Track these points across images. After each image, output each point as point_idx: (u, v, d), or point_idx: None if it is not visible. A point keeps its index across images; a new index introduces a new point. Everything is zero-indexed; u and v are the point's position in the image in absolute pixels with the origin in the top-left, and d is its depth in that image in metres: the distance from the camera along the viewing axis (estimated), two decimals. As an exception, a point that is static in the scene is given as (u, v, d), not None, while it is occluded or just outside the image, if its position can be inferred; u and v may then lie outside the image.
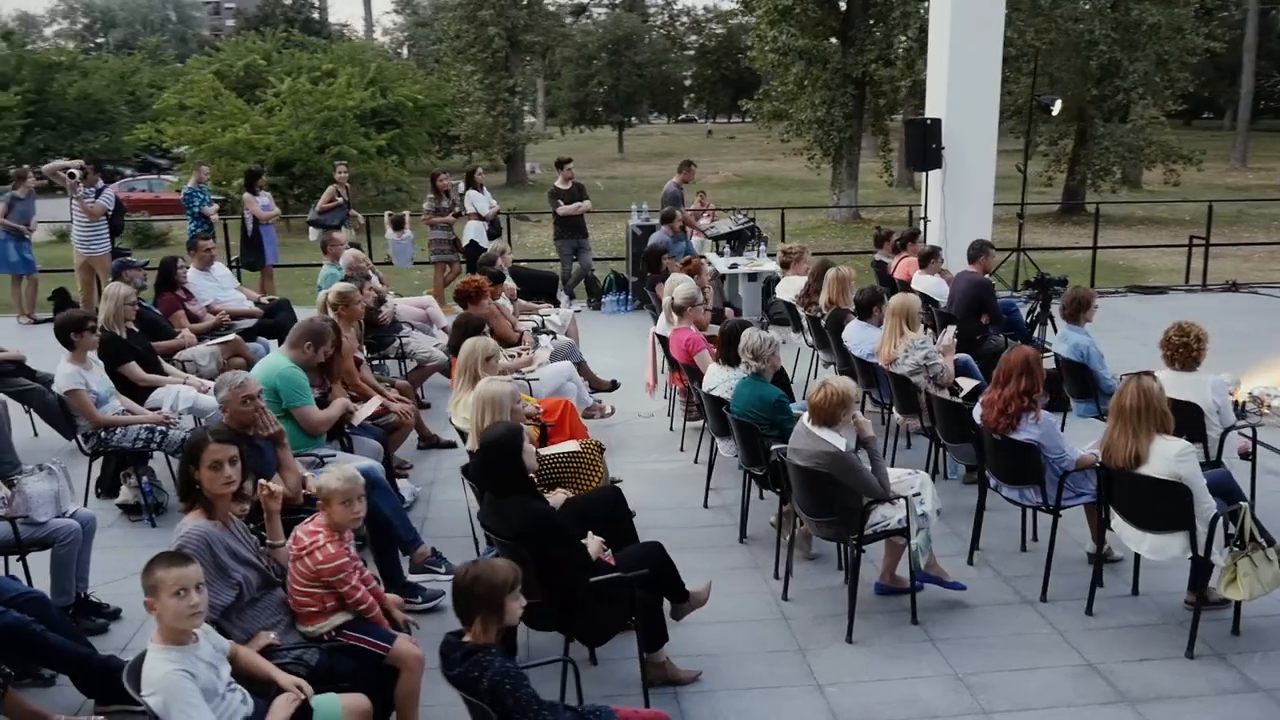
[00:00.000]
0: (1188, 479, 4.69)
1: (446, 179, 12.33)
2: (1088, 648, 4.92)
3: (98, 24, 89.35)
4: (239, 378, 4.87)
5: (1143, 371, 4.95)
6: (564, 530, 4.08)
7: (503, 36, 36.75)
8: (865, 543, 5.10)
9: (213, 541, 3.68)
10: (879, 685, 4.65)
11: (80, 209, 10.89)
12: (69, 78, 42.87)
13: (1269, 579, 4.74)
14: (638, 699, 4.37)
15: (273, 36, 35.63)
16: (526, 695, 3.07)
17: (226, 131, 25.57)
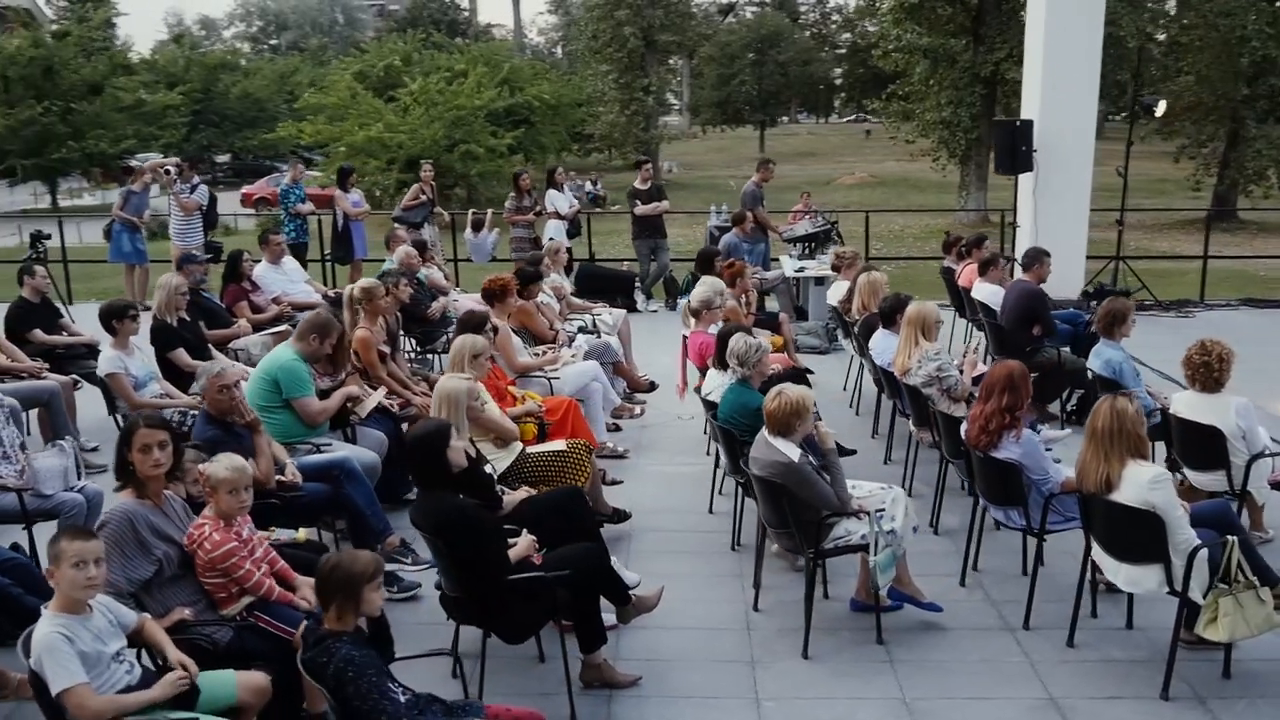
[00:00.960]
0: (1161, 508, 4.39)
1: (527, 179, 12.56)
2: (1056, 680, 4.67)
3: (271, 26, 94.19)
4: (216, 368, 5.13)
5: (1120, 391, 4.67)
6: (480, 527, 4.14)
7: (638, 36, 37.07)
8: (824, 557, 4.98)
9: (135, 519, 3.90)
10: (817, 703, 4.54)
11: (176, 204, 11.57)
12: (233, 78, 45.53)
13: (1258, 621, 4.39)
14: (568, 697, 4.40)
15: (413, 38, 36.90)
16: (368, 684, 3.14)
17: (360, 130, 26.62)
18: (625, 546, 6.14)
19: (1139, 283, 12.16)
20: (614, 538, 6.22)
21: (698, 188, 36.79)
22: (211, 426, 5.05)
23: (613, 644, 4.99)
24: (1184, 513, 4.57)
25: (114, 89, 34.43)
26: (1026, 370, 5.15)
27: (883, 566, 4.81)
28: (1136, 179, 15.97)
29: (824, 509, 4.80)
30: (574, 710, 4.39)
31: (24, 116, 31.32)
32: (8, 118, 31.13)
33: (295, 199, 12.38)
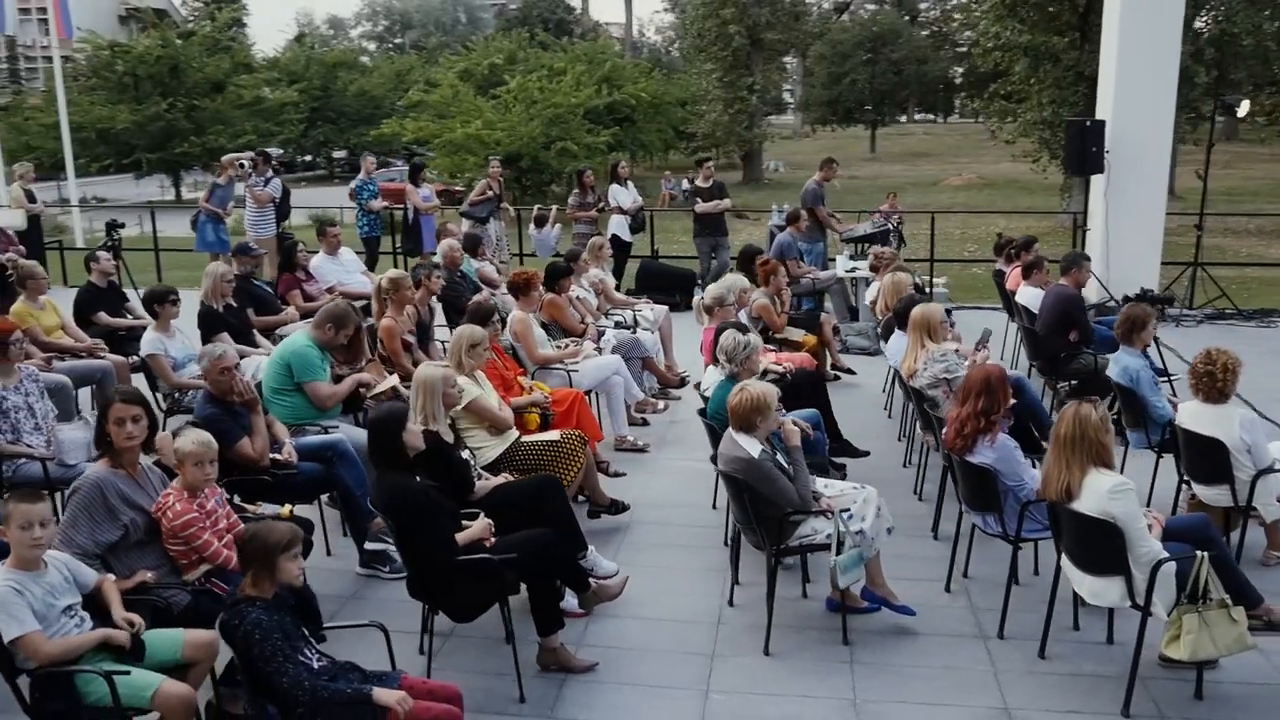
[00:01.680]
0: (1120, 518, 4.27)
1: (590, 175, 12.74)
2: (1016, 691, 4.58)
3: (396, 25, 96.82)
4: (218, 350, 5.41)
5: (1086, 397, 4.55)
6: (427, 509, 4.28)
7: (743, 34, 36.98)
8: (787, 554, 4.99)
9: (105, 486, 4.17)
10: (765, 699, 4.56)
11: (250, 196, 12.10)
12: (350, 76, 47.06)
13: (1228, 641, 4.24)
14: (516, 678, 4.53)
15: (518, 37, 37.56)
16: (272, 648, 3.32)
17: (460, 127, 27.27)
18: (621, 537, 6.24)
19: (1218, 290, 11.66)
20: (612, 529, 6.35)
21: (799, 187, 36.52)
22: (211, 405, 5.33)
23: (580, 630, 5.12)
24: (1147, 524, 4.44)
25: (235, 86, 35.99)
26: (1004, 374, 5.05)
27: (845, 566, 4.79)
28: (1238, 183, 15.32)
29: (786, 506, 4.81)
30: (522, 691, 4.52)
31: (150, 113, 33.04)
32: (135, 114, 32.87)
33: (368, 195, 12.81)
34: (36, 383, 5.87)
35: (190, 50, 35.08)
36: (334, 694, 3.34)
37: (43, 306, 7.83)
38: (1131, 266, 11.23)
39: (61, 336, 7.81)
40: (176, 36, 36.11)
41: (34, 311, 7.73)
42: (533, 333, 7.40)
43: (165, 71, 34.23)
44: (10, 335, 5.69)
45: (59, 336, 7.78)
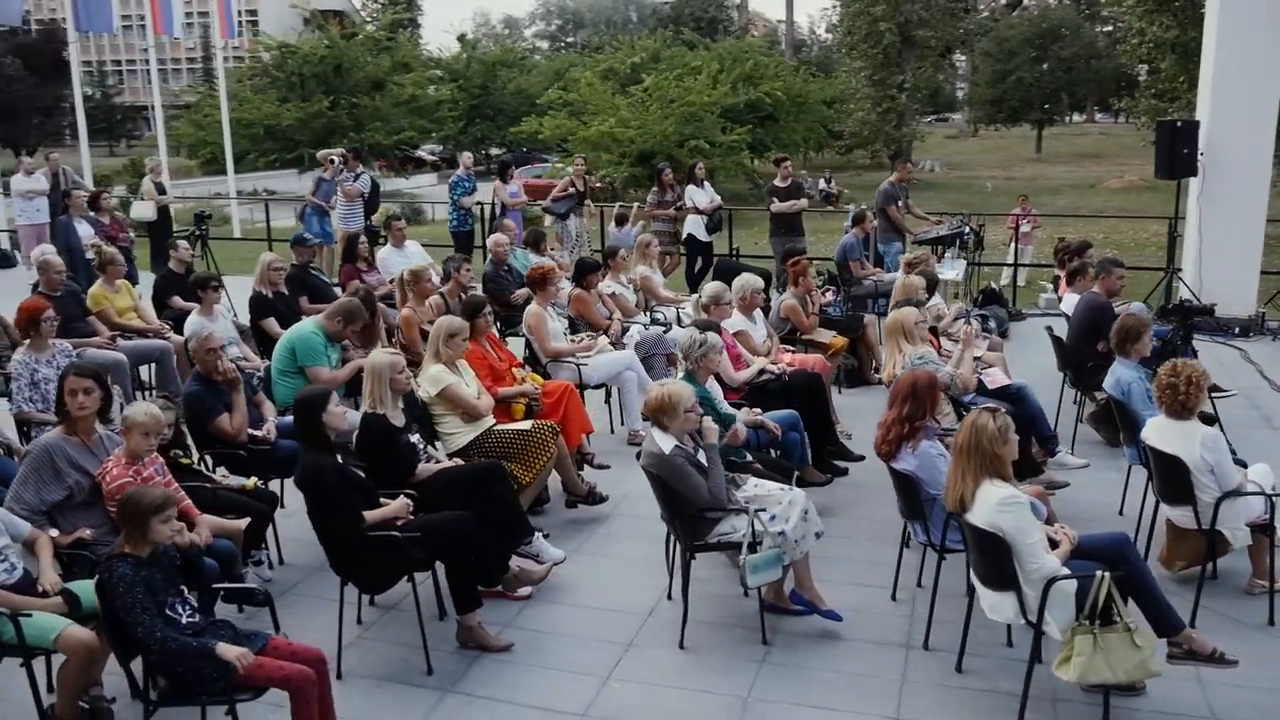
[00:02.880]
0: (1008, 532, 4.16)
1: (669, 174, 12.87)
2: (915, 703, 4.51)
3: (568, 24, 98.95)
4: (205, 331, 5.86)
5: (986, 407, 4.43)
6: (337, 486, 4.55)
7: (894, 31, 36.25)
8: (701, 551, 5.04)
9: (54, 451, 4.63)
10: (660, 689, 4.64)
11: (341, 191, 12.76)
12: (510, 74, 48.48)
13: (1126, 666, 4.07)
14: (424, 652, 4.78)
15: (661, 36, 37.90)
16: (131, 599, 3.64)
17: (594, 125, 27.80)
18: (595, 528, 6.40)
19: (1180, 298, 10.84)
20: (590, 518, 6.53)
21: (951, 189, 35.49)
22: (197, 383, 5.79)
23: (514, 612, 5.33)
24: (1053, 540, 4.31)
25: (395, 85, 37.69)
26: (933, 380, 4.96)
27: (756, 565, 4.81)
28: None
29: (697, 502, 4.87)
30: (430, 664, 4.76)
31: (313, 110, 34.98)
32: (299, 111, 34.88)
33: (461, 191, 13.33)
34: (70, 357, 6.47)
35: (353, 50, 36.94)
36: (181, 645, 3.65)
37: (118, 290, 8.56)
38: (1227, 275, 10.60)
39: (133, 318, 8.53)
40: (341, 37, 38.08)
41: (109, 294, 8.47)
42: (546, 326, 7.62)
43: (329, 71, 36.19)
44: (42, 314, 6.30)
45: (130, 318, 8.49)
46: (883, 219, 11.51)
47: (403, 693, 4.62)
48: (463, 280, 8.20)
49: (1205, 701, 4.48)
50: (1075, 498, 6.57)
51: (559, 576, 5.67)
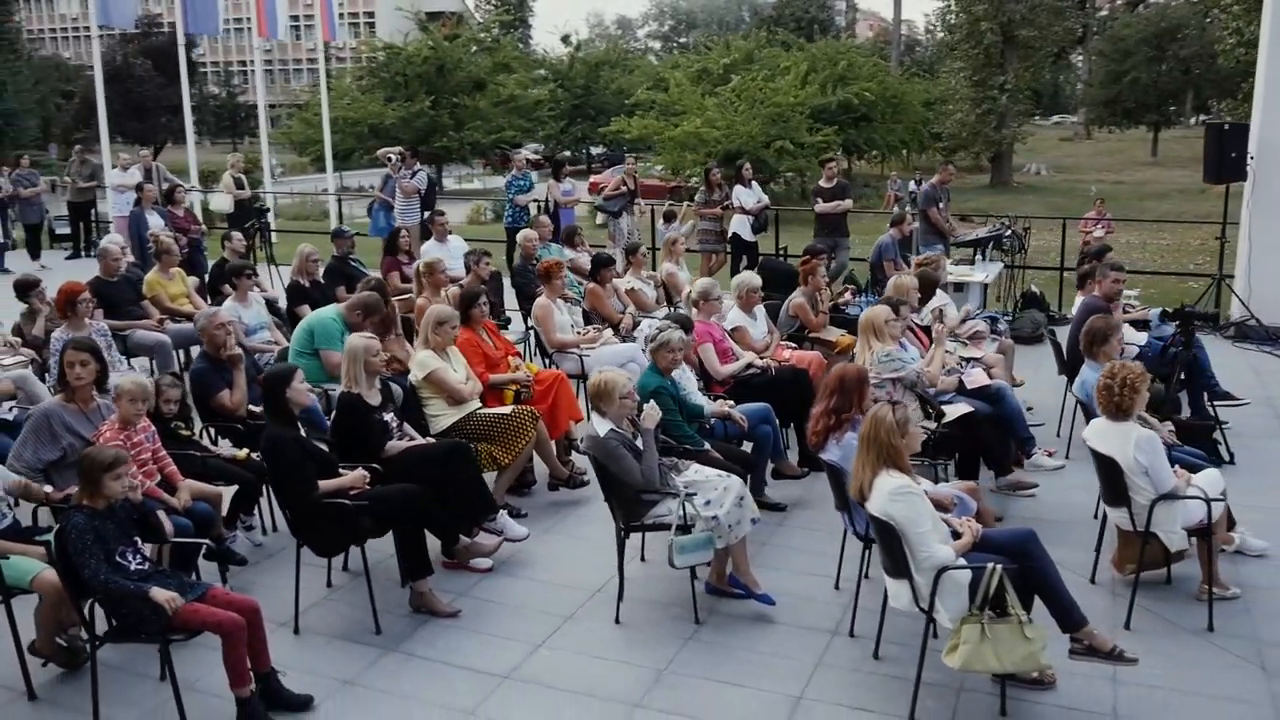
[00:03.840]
0: (899, 521, 4.31)
1: (718, 174, 13.08)
2: (822, 685, 4.68)
3: (681, 25, 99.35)
4: (212, 311, 6.37)
5: (891, 399, 4.57)
6: (293, 457, 4.96)
7: (996, 31, 35.53)
8: (635, 531, 5.29)
9: (51, 415, 5.17)
10: (583, 658, 4.93)
11: (399, 188, 13.33)
12: (612, 74, 49.08)
13: (1015, 658, 4.18)
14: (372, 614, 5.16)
15: (755, 36, 37.91)
16: (82, 545, 4.09)
17: (679, 125, 28.09)
18: (572, 510, 6.70)
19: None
20: (571, 501, 6.83)
21: (1052, 192, 34.62)
22: (202, 360, 6.30)
23: (472, 582, 5.69)
24: (953, 532, 4.44)
25: (495, 85, 38.62)
26: (861, 375, 5.11)
27: (684, 546, 5.04)
28: None
29: (630, 484, 5.13)
30: (378, 625, 5.14)
31: (415, 109, 36.11)
32: (402, 110, 36.05)
33: (516, 189, 13.79)
34: (105, 336, 7.10)
35: (455, 51, 37.99)
36: (119, 587, 4.09)
37: (172, 277, 9.23)
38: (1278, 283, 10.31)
39: (185, 304, 9.17)
40: (445, 38, 39.19)
41: (163, 281, 9.13)
42: (553, 318, 7.96)
43: (432, 71, 37.29)
44: (79, 295, 6.91)
45: (182, 303, 9.15)
46: (924, 221, 11.51)
47: (349, 649, 5.01)
48: (482, 273, 8.60)
49: (1112, 700, 4.54)
50: (1058, 500, 6.62)
51: (524, 552, 6.01)
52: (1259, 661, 4.82)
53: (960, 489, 5.14)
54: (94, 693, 4.30)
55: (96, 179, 15.71)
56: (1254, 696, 4.56)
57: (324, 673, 4.79)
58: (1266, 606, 5.32)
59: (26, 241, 15.64)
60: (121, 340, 8.56)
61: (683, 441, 5.84)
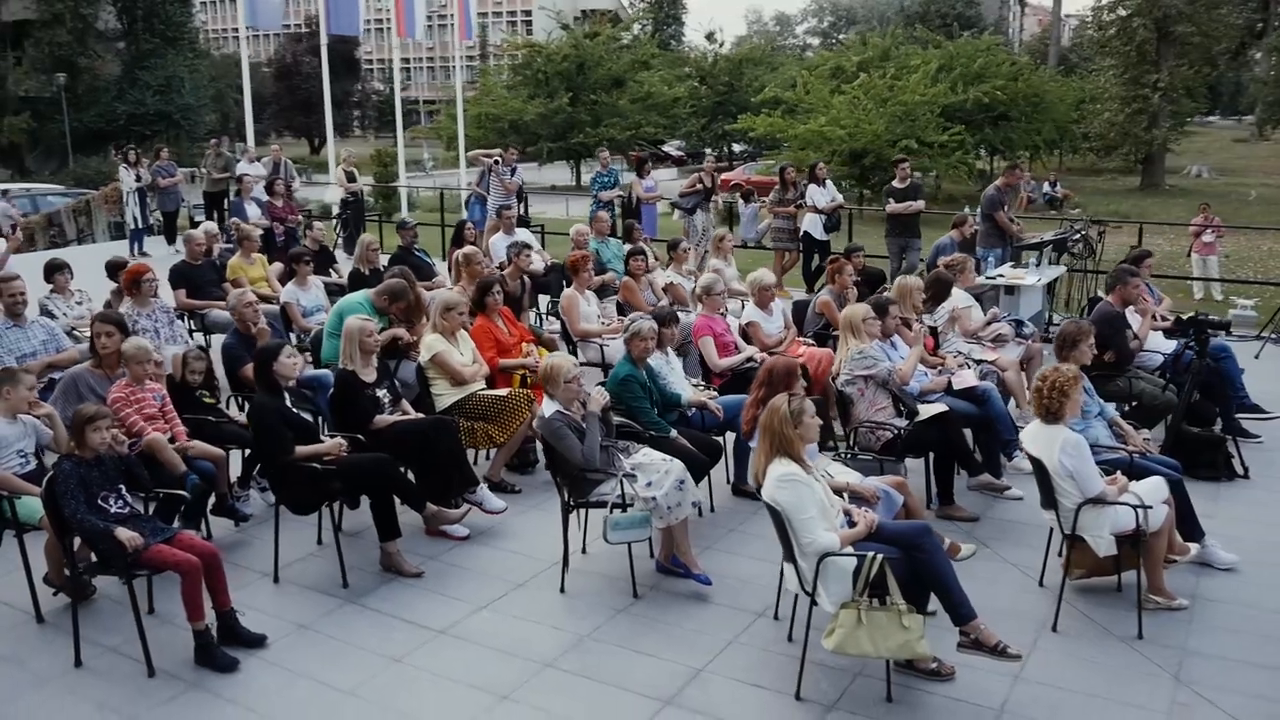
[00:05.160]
0: (784, 507, 4.54)
1: (792, 172, 13.21)
2: (728, 660, 4.92)
3: (841, 21, 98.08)
4: (241, 291, 7.04)
5: (789, 391, 4.77)
6: (271, 424, 5.52)
7: (1149, 27, 33.96)
8: (581, 507, 5.64)
9: (78, 379, 5.92)
10: (517, 620, 5.33)
11: (498, 184, 13.98)
12: (756, 71, 49.05)
13: (890, 644, 4.35)
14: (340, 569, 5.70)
15: (890, 33, 37.28)
16: (65, 487, 4.73)
17: (804, 124, 28.05)
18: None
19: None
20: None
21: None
22: (232, 336, 6.99)
23: (446, 548, 6.18)
24: (849, 522, 4.62)
25: (634, 82, 39.29)
26: (790, 367, 5.32)
27: (618, 524, 5.37)
28: None
29: (574, 463, 5.50)
30: (345, 580, 5.67)
31: (554, 106, 37.14)
32: (541, 106, 37.14)
33: (600, 185, 14.27)
34: (167, 313, 7.89)
35: (595, 49, 38.85)
36: (90, 525, 4.71)
37: (252, 262, 10.08)
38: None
39: (263, 286, 9.99)
40: (585, 36, 40.11)
41: (244, 265, 9.99)
42: (578, 308, 8.38)
43: (572, 69, 38.26)
44: (144, 275, 7.72)
45: (260, 286, 9.96)
46: (988, 224, 11.39)
47: (315, 599, 5.55)
48: (521, 265, 9.09)
49: (1004, 696, 4.62)
50: (1038, 504, 6.62)
51: (504, 524, 6.45)
52: (1175, 671, 4.82)
53: (888, 483, 5.30)
54: (74, 617, 4.96)
55: (230, 171, 16.99)
56: (1154, 704, 4.57)
57: (286, 617, 5.34)
58: (1209, 620, 5.27)
59: (164, 227, 17.10)
60: (200, 318, 9.45)
61: (648, 427, 6.15)
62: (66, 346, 7.19)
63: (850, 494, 5.12)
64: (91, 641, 5.04)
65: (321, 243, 10.89)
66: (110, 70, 43.98)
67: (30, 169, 41.87)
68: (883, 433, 6.31)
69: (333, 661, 4.95)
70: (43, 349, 7.01)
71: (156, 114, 43.31)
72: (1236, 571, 5.74)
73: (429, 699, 4.65)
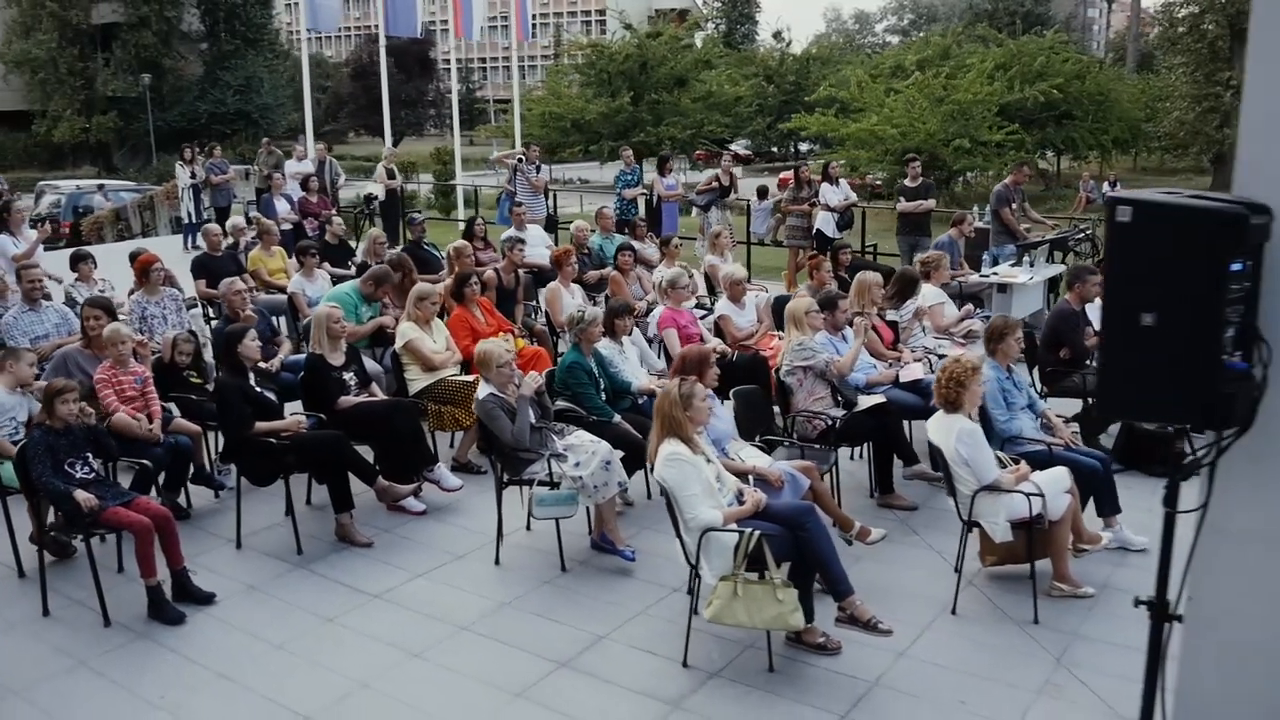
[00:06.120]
0: (669, 485, 4.84)
1: (806, 170, 13.40)
2: (631, 629, 5.24)
3: (921, 19, 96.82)
4: (231, 279, 7.56)
5: (682, 376, 5.06)
6: (232, 400, 6.00)
7: (1222, 24, 33.08)
8: (513, 484, 6.00)
9: (69, 357, 6.48)
10: (447, 587, 5.73)
11: (525, 182, 14.42)
12: (824, 70, 48.88)
13: (764, 616, 4.63)
14: (294, 536, 6.16)
15: (951, 31, 36.88)
16: (35, 454, 5.24)
17: (855, 123, 28.01)
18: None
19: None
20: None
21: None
22: (225, 321, 7.50)
23: (401, 521, 6.59)
24: (699, 494, 4.84)
25: (696, 81, 39.51)
26: (703, 355, 5.62)
27: (543, 500, 5.74)
28: None
29: (505, 442, 5.87)
30: (300, 547, 6.13)
31: (615, 105, 37.56)
32: (602, 105, 37.59)
33: (624, 183, 14.62)
34: (175, 301, 8.45)
35: (658, 50, 39.16)
36: (53, 487, 5.22)
37: (272, 254, 10.65)
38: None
39: (282, 278, 10.56)
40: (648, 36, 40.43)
41: (264, 257, 10.56)
42: (560, 300, 8.75)
43: (635, 68, 38.62)
44: (152, 265, 8.29)
45: (279, 278, 10.53)
46: (996, 221, 11.46)
47: (269, 563, 6.02)
48: (515, 259, 9.48)
49: (882, 670, 4.84)
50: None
51: (462, 502, 6.85)
52: (1060, 654, 4.99)
53: (795, 468, 5.56)
54: (41, 571, 5.49)
55: (280, 169, 17.73)
56: (1027, 683, 4.76)
57: (239, 579, 5.82)
58: (1108, 607, 5.41)
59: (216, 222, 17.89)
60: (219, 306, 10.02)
61: (592, 412, 6.49)
62: (77, 329, 7.77)
63: (756, 477, 5.40)
64: (61, 594, 5.58)
65: (340, 237, 11.42)
66: (193, 71, 45.76)
67: (117, 166, 43.77)
68: (819, 421, 6.56)
69: (271, 619, 5.40)
70: (55, 331, 7.60)
71: (236, 113, 44.94)
72: (1149, 552, 5.86)
73: (349, 654, 5.06)
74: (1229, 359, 2.85)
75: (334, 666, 4.95)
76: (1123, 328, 2.94)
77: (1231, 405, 2.89)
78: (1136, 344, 2.91)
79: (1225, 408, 2.90)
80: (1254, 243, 2.85)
